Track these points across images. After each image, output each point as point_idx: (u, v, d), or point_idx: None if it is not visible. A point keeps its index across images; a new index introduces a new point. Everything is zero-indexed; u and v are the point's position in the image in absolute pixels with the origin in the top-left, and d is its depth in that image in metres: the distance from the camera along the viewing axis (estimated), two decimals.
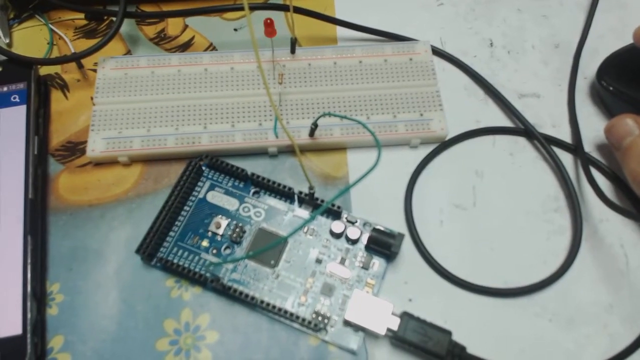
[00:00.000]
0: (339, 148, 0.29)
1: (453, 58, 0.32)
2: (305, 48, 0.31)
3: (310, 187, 0.25)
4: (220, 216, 0.26)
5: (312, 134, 0.28)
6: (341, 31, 0.33)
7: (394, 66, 0.30)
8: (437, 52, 0.32)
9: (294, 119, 0.29)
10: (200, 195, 0.27)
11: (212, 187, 0.27)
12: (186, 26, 0.33)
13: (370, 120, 0.29)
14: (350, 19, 0.32)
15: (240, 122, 0.28)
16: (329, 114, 0.26)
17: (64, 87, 0.31)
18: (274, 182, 0.26)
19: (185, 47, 0.33)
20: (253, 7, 0.32)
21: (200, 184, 0.27)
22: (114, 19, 0.31)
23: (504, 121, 0.30)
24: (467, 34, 0.33)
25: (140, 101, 0.29)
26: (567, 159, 0.29)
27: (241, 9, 0.31)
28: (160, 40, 0.33)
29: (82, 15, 0.33)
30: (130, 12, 0.32)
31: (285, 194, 0.27)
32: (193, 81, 0.30)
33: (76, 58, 0.30)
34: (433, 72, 0.30)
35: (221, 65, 0.30)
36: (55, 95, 0.31)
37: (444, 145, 0.29)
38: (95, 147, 0.28)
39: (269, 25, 0.27)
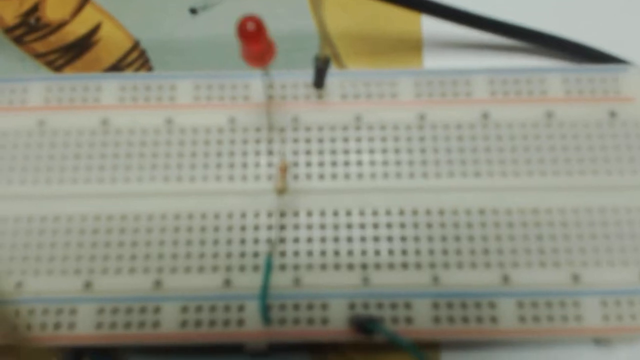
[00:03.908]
0: (424, 344, 0.12)
1: None
2: (352, 72, 0.13)
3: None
4: None
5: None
6: (433, 26, 0.14)
7: (570, 131, 0.12)
8: None
9: (311, 270, 0.11)
10: None
11: None
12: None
13: (509, 286, 0.11)
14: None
15: (176, 273, 0.11)
16: (386, 334, 0.09)
17: None
18: None
19: (81, 48, 0.15)
20: None
21: None
22: None
23: None
24: None
25: None
26: None
27: None
28: (29, 31, 0.15)
29: None
30: None
31: None
32: (74, 151, 0.12)
33: None
34: None
35: (147, 112, 0.12)
36: None
37: None
38: None
39: None
